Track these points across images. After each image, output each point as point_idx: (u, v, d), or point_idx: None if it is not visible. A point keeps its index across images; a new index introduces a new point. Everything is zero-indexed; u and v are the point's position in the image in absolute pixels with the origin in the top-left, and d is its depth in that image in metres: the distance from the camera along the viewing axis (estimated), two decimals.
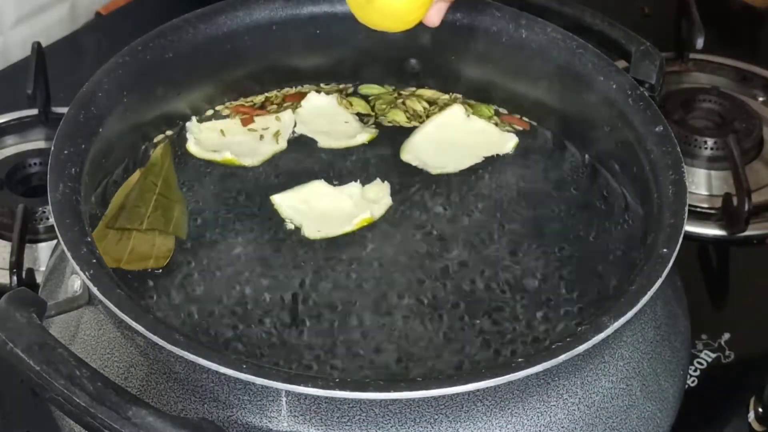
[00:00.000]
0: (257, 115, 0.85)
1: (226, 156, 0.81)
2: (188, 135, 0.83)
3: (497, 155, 0.83)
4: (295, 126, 0.85)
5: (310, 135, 0.84)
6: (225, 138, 0.83)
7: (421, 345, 0.69)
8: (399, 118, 0.86)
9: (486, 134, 0.85)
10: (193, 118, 0.83)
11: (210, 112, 0.85)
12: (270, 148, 0.83)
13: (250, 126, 0.84)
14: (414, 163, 0.83)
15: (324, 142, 0.84)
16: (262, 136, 0.83)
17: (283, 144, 0.83)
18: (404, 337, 0.70)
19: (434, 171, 0.82)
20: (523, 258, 0.75)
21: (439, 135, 0.84)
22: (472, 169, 0.82)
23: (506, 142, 0.84)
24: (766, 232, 0.95)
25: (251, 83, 0.86)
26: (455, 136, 0.84)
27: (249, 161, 0.81)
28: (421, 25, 0.78)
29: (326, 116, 0.86)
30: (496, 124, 0.85)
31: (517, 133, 0.85)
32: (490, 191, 0.80)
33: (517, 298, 0.72)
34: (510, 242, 0.76)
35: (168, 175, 0.79)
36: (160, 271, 0.73)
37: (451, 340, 0.70)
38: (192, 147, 0.82)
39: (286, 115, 0.85)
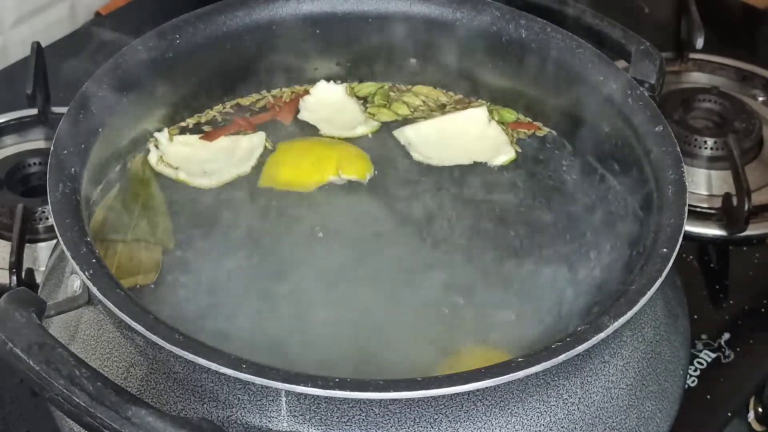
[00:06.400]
0: (226, 134, 0.83)
1: (180, 176, 0.79)
2: (151, 147, 0.80)
3: (485, 164, 0.82)
4: (298, 113, 0.85)
5: (313, 123, 0.84)
6: (189, 154, 0.81)
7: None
8: (402, 111, 0.86)
9: (489, 141, 0.84)
10: (165, 130, 0.82)
11: (185, 124, 0.83)
12: (234, 170, 0.80)
13: (218, 145, 0.82)
14: (401, 141, 0.83)
15: (325, 129, 0.84)
16: (229, 157, 0.81)
17: (246, 168, 0.80)
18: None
19: (415, 157, 0.82)
20: (519, 258, 0.75)
21: (444, 129, 0.84)
22: (461, 167, 0.82)
23: (501, 155, 0.82)
24: (766, 232, 0.96)
25: (251, 83, 0.86)
26: (457, 135, 0.84)
27: (206, 182, 0.79)
28: (421, 25, 0.78)
29: (333, 105, 0.86)
30: (505, 132, 0.84)
31: (520, 140, 0.84)
32: (477, 189, 0.80)
33: (514, 297, 0.72)
34: (501, 241, 0.76)
35: (149, 184, 0.78)
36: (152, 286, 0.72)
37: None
38: (152, 159, 0.80)
39: (256, 138, 0.83)
